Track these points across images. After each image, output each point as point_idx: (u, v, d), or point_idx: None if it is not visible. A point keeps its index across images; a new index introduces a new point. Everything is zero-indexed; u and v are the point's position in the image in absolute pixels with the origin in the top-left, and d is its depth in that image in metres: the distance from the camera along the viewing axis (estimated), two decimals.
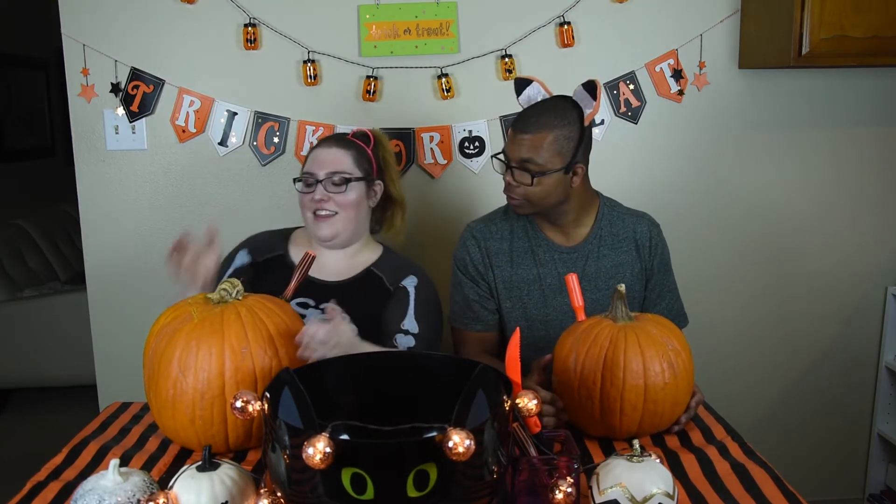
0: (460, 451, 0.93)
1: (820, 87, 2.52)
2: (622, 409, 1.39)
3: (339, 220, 1.79)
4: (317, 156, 1.82)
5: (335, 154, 1.81)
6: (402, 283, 1.83)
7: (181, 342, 1.34)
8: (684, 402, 1.45)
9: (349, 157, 1.81)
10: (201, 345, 1.33)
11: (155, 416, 1.41)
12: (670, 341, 1.43)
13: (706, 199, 2.56)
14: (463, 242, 1.90)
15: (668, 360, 1.40)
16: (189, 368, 1.32)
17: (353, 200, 1.79)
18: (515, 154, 1.72)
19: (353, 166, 1.81)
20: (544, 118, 1.70)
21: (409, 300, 1.80)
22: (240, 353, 1.33)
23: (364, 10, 2.36)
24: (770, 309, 2.65)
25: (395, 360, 1.32)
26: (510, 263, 1.85)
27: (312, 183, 1.79)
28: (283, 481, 1.02)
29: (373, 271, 1.85)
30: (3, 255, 4.05)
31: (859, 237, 2.63)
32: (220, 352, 1.33)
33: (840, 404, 2.73)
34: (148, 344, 1.40)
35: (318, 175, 1.78)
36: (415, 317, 1.78)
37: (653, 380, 1.38)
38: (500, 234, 1.87)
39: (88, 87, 2.36)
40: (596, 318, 1.49)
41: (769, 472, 1.29)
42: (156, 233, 2.45)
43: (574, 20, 2.41)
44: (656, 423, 1.43)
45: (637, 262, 1.86)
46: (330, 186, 1.77)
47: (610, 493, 1.10)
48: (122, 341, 2.44)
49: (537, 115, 1.71)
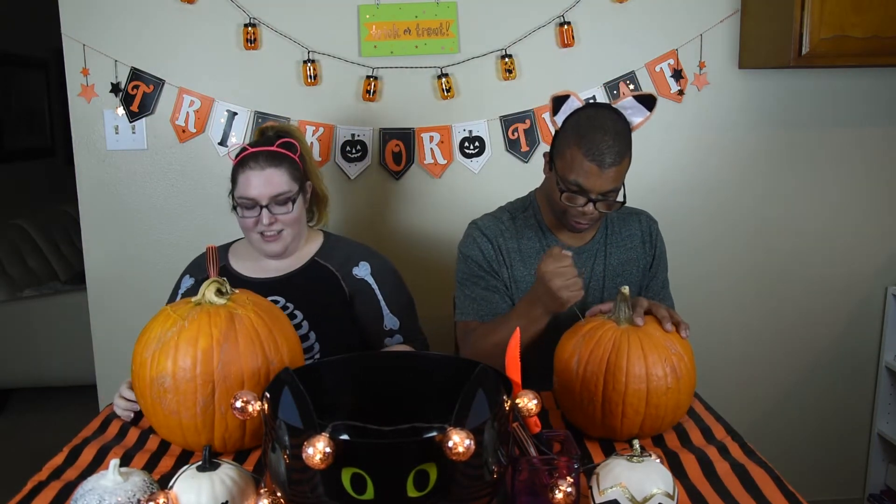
0: (460, 451, 0.93)
1: (820, 87, 2.52)
2: (624, 413, 1.39)
3: (287, 235, 1.78)
4: (250, 178, 1.73)
5: (271, 175, 1.73)
6: (355, 272, 1.83)
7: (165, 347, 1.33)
8: (686, 405, 1.45)
9: (285, 173, 1.75)
10: (180, 346, 1.32)
11: (151, 422, 1.41)
12: (673, 345, 1.42)
13: (706, 199, 2.56)
14: (473, 239, 1.87)
15: (670, 364, 1.40)
16: (169, 373, 1.32)
17: (297, 216, 1.78)
18: (600, 188, 1.66)
19: (290, 181, 1.76)
20: (617, 144, 1.65)
21: (376, 295, 1.83)
22: (220, 351, 1.32)
23: (364, 10, 2.36)
24: (770, 309, 2.65)
25: (394, 360, 1.32)
26: (522, 263, 1.84)
27: (253, 206, 1.74)
28: (283, 481, 1.02)
29: (317, 261, 1.85)
30: (3, 255, 4.05)
31: (859, 237, 2.63)
32: (207, 352, 1.32)
33: (840, 404, 2.73)
34: (134, 358, 1.39)
35: (259, 200, 1.73)
36: (390, 310, 1.82)
37: (655, 384, 1.38)
38: (508, 233, 1.86)
39: (88, 87, 2.36)
40: (599, 320, 1.48)
41: (769, 473, 1.29)
42: (156, 233, 2.45)
43: (574, 20, 2.41)
44: (657, 426, 1.43)
45: (642, 258, 1.89)
46: (275, 208, 1.74)
47: (610, 493, 1.10)
48: (122, 341, 2.44)
49: (609, 142, 1.64)
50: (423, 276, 2.45)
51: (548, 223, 1.86)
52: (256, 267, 1.84)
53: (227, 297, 1.40)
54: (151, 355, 1.34)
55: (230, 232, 1.96)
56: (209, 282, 1.40)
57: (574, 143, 1.66)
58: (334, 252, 1.87)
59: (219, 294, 1.39)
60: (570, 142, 1.67)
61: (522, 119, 2.45)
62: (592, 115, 1.69)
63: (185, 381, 1.31)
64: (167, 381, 1.31)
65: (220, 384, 1.31)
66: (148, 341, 1.36)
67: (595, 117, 1.67)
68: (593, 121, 1.66)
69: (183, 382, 1.31)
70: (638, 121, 1.72)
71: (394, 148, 2.44)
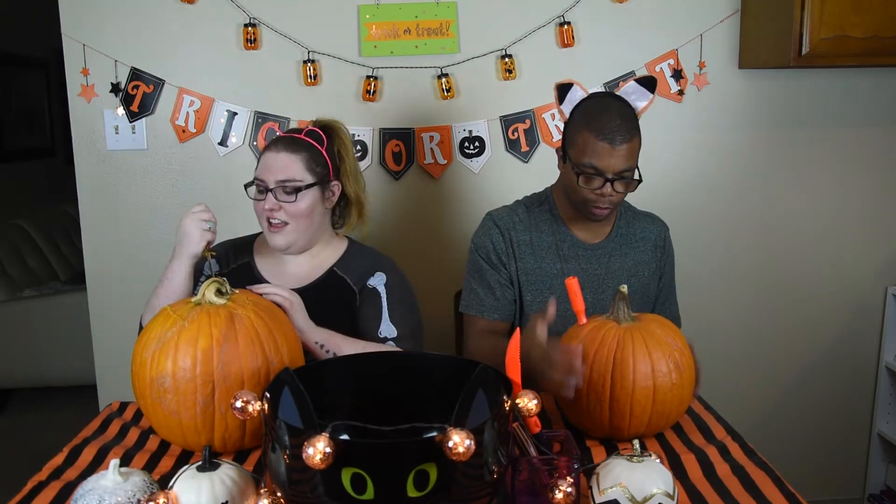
0: (460, 451, 0.93)
1: (820, 87, 2.52)
2: (632, 412, 1.39)
3: (291, 230, 1.72)
4: (266, 161, 1.72)
5: (284, 160, 1.70)
6: (370, 282, 1.79)
7: (165, 348, 1.33)
8: (688, 401, 1.45)
9: (299, 161, 1.71)
10: (180, 346, 1.32)
11: (151, 422, 1.41)
12: (674, 341, 1.43)
13: (705, 199, 2.56)
14: (485, 230, 1.88)
15: (674, 360, 1.40)
16: (169, 373, 1.32)
17: (304, 210, 1.71)
18: (615, 166, 1.68)
19: (304, 171, 1.71)
20: (626, 123, 1.68)
21: (381, 302, 1.77)
22: (220, 351, 1.32)
23: (364, 10, 2.36)
24: (770, 309, 2.65)
25: (394, 360, 1.32)
26: (533, 256, 1.85)
27: (263, 190, 1.72)
28: (283, 481, 1.02)
29: (335, 272, 1.80)
30: (3, 255, 4.05)
31: (859, 237, 2.63)
32: (207, 352, 1.32)
33: (840, 404, 2.73)
34: (134, 358, 1.39)
35: (267, 183, 1.70)
36: (390, 319, 1.75)
37: (661, 380, 1.38)
38: (522, 226, 1.86)
39: (88, 87, 2.36)
40: (599, 320, 1.48)
41: (769, 473, 1.29)
42: (156, 233, 2.45)
43: (574, 20, 2.41)
44: (662, 424, 1.43)
45: (653, 262, 1.90)
46: (280, 195, 1.70)
47: (610, 493, 1.10)
48: (122, 341, 2.43)
49: (618, 121, 1.67)
50: (423, 275, 2.44)
51: (563, 216, 1.86)
52: (277, 270, 1.81)
53: (227, 297, 1.40)
54: (151, 355, 1.34)
55: (230, 232, 1.96)
56: (209, 282, 1.40)
57: (584, 127, 1.70)
58: (354, 263, 1.82)
59: (219, 294, 1.39)
60: (581, 127, 1.71)
61: (522, 119, 2.45)
62: (599, 100, 1.75)
63: (184, 381, 1.31)
64: (167, 382, 1.31)
65: (220, 384, 1.31)
66: (148, 341, 1.36)
67: (601, 102, 1.74)
68: (600, 104, 1.73)
69: (183, 382, 1.31)
70: (642, 105, 1.76)
71: (394, 148, 2.44)
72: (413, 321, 1.80)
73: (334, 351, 1.61)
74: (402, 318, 1.77)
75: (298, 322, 1.58)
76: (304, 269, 1.81)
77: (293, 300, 1.59)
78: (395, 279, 1.81)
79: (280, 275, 1.80)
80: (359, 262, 1.82)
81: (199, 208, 1.65)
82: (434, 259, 2.52)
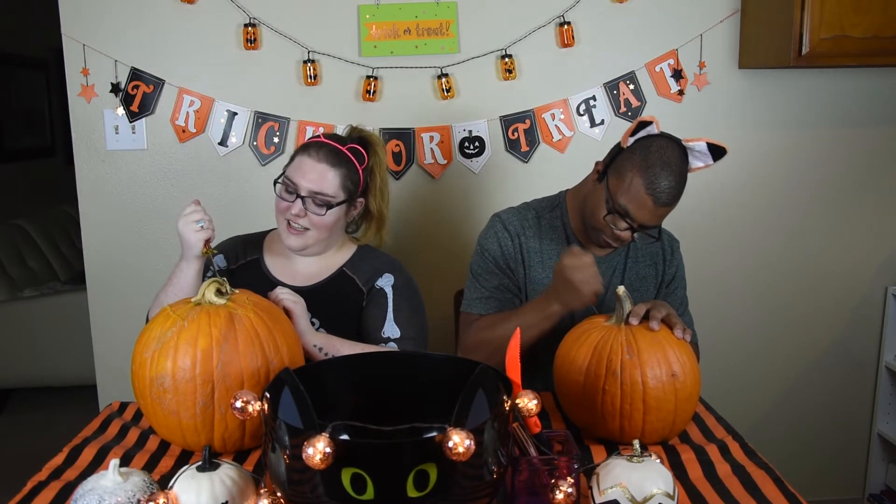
0: (460, 451, 0.93)
1: (820, 87, 2.53)
2: (631, 414, 1.38)
3: (311, 236, 1.72)
4: (303, 164, 1.70)
5: (322, 171, 1.69)
6: (378, 283, 1.79)
7: (165, 348, 1.33)
8: (692, 400, 1.44)
9: (337, 177, 1.70)
10: (180, 346, 1.32)
11: (150, 422, 1.41)
12: (674, 343, 1.42)
13: (705, 200, 2.56)
14: (494, 233, 1.84)
15: (675, 360, 1.40)
16: (168, 373, 1.32)
17: (329, 223, 1.72)
18: (647, 221, 1.66)
19: (339, 189, 1.71)
20: (678, 187, 1.63)
21: (387, 303, 1.76)
22: (220, 351, 1.32)
23: (364, 10, 2.36)
24: (770, 309, 2.65)
25: (395, 361, 1.32)
26: (542, 265, 1.83)
27: (293, 191, 1.70)
28: (283, 481, 1.02)
29: (345, 272, 1.80)
30: (3, 255, 4.05)
31: (859, 237, 2.63)
32: (207, 352, 1.32)
33: (840, 404, 2.73)
34: (134, 358, 1.39)
35: (299, 189, 1.69)
36: (394, 320, 1.75)
37: (660, 381, 1.38)
38: (532, 232, 1.84)
39: (88, 87, 2.36)
40: (600, 321, 1.48)
41: (769, 473, 1.29)
42: (156, 233, 2.45)
43: (574, 20, 2.41)
44: (659, 428, 1.41)
45: (656, 277, 1.88)
46: (310, 205, 1.69)
47: (610, 493, 1.10)
48: (122, 341, 2.44)
49: (672, 182, 1.62)
50: (423, 275, 2.44)
51: (574, 229, 1.83)
52: (287, 269, 1.80)
53: (226, 297, 1.40)
54: (151, 355, 1.34)
55: (230, 232, 1.96)
56: (209, 282, 1.40)
57: (638, 170, 1.63)
58: (363, 264, 1.82)
59: (218, 294, 1.39)
60: (635, 167, 1.63)
61: (522, 119, 2.45)
62: (663, 147, 1.64)
63: (184, 381, 1.31)
64: (167, 381, 1.31)
65: (220, 384, 1.31)
66: (148, 341, 1.36)
67: (665, 151, 1.64)
68: (663, 154, 1.63)
69: (182, 382, 1.31)
70: (697, 165, 1.69)
71: (394, 148, 2.44)
72: (418, 323, 1.80)
73: (333, 354, 1.62)
74: (407, 319, 1.77)
75: (300, 325, 1.58)
76: (314, 268, 1.81)
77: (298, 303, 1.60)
78: (403, 281, 1.81)
79: (289, 273, 1.80)
80: (368, 263, 1.82)
81: (189, 209, 1.64)
82: (434, 259, 2.52)
